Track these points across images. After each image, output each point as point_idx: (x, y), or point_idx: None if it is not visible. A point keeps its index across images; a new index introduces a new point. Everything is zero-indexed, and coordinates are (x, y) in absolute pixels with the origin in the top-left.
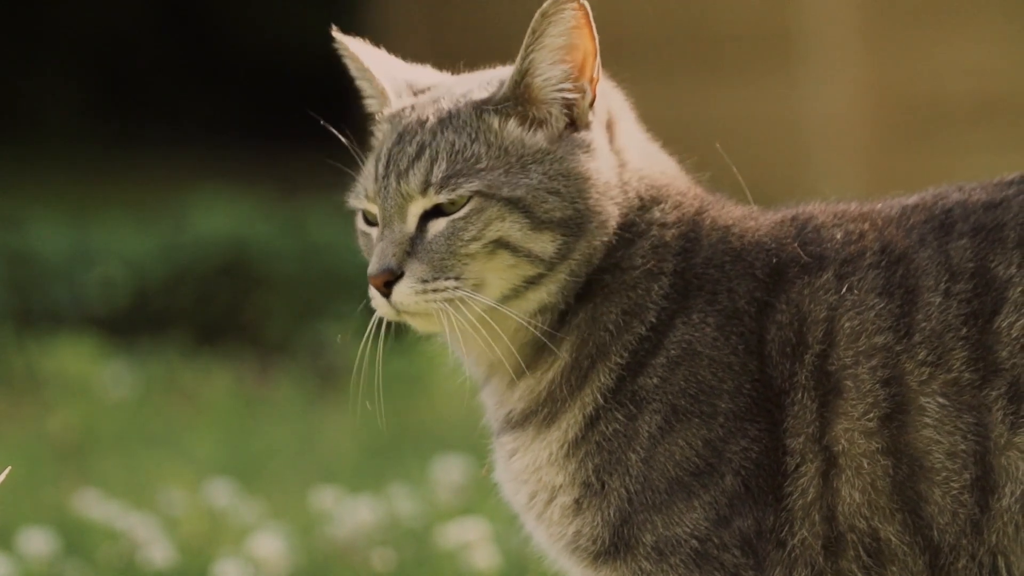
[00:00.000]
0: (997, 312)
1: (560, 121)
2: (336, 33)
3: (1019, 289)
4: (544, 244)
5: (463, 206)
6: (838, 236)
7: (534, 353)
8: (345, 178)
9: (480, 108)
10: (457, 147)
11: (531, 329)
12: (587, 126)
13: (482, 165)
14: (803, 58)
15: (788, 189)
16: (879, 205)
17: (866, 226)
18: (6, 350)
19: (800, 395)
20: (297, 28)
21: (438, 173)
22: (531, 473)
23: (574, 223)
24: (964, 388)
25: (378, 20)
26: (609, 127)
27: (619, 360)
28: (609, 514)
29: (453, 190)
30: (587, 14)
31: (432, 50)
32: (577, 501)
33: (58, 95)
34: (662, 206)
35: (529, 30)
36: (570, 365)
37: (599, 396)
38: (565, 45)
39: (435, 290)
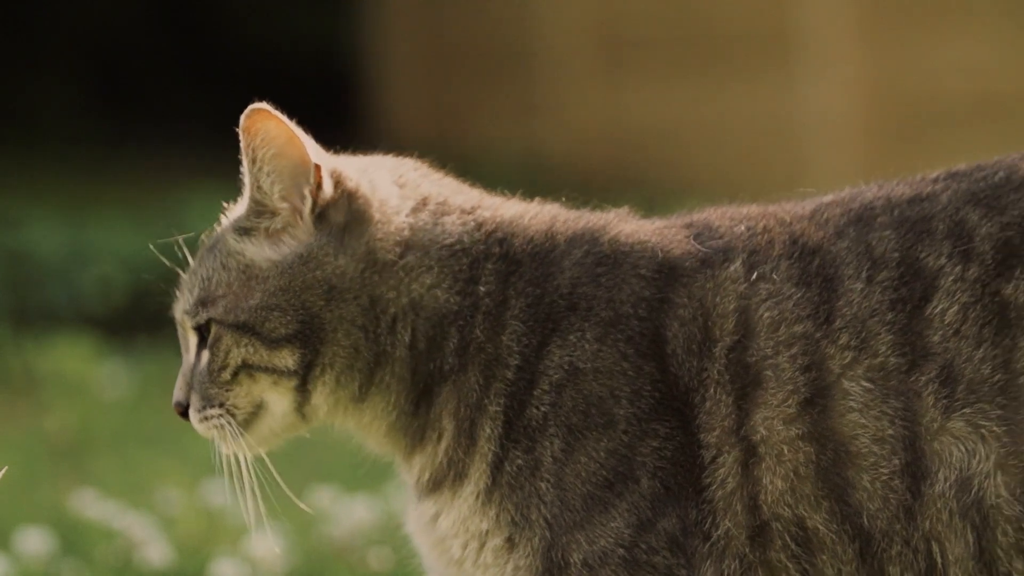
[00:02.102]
0: (928, 299)
1: (292, 232)
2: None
3: (951, 278)
4: (285, 359)
5: (211, 335)
6: (742, 230)
7: (415, 432)
8: None
9: (228, 230)
10: (208, 273)
11: (382, 420)
12: (322, 230)
13: (221, 291)
14: (800, 57)
15: (785, 187)
16: (786, 204)
17: (772, 222)
18: (2, 350)
19: (712, 390)
20: (295, 28)
21: (190, 301)
22: (459, 526)
23: (308, 333)
24: (891, 373)
25: (377, 20)
26: (360, 217)
27: (496, 408)
28: (536, 543)
29: (195, 318)
30: (279, 121)
31: (431, 50)
32: (508, 539)
33: (55, 95)
34: (481, 264)
35: (242, 146)
36: (456, 430)
37: (494, 443)
38: (275, 155)
39: (206, 418)
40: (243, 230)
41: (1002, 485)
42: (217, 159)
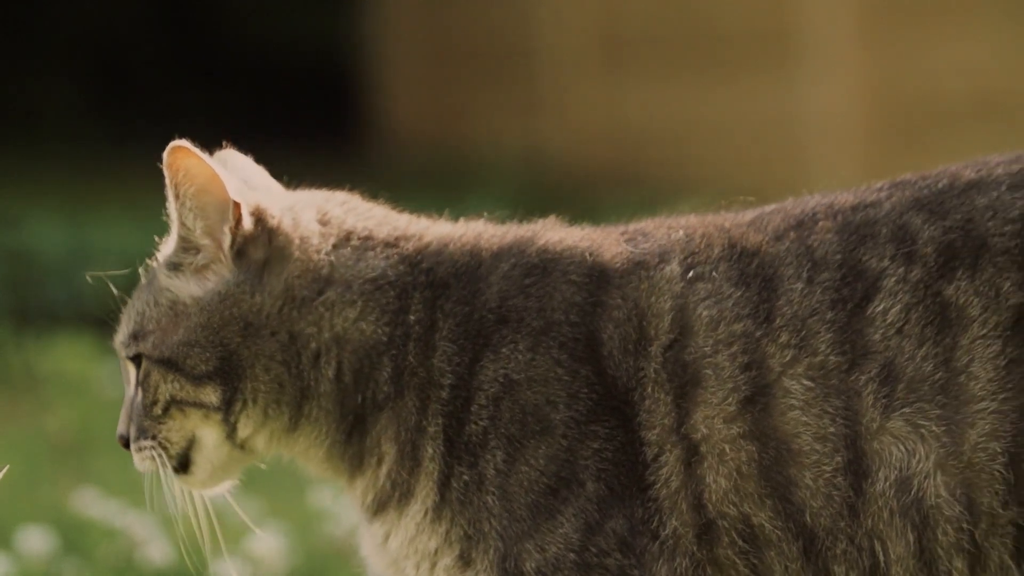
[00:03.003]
0: (870, 299)
1: (215, 269)
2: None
3: (894, 279)
4: (209, 395)
5: (141, 369)
6: (680, 235)
7: (352, 458)
8: (345, 176)
9: (161, 265)
10: (141, 307)
11: (317, 449)
12: (242, 267)
13: (151, 327)
14: (801, 57)
15: (785, 187)
16: (726, 213)
17: (711, 228)
18: (4, 349)
19: (650, 389)
20: (295, 27)
21: (125, 333)
22: (409, 546)
23: (228, 369)
24: (831, 371)
25: (378, 19)
26: (280, 254)
27: (435, 428)
28: (491, 557)
29: (127, 350)
30: (199, 160)
31: (432, 49)
32: (461, 556)
33: (55, 94)
34: (409, 293)
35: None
36: (398, 453)
37: (438, 462)
38: (196, 192)
39: (140, 449)
40: (172, 266)
41: (942, 485)
42: None
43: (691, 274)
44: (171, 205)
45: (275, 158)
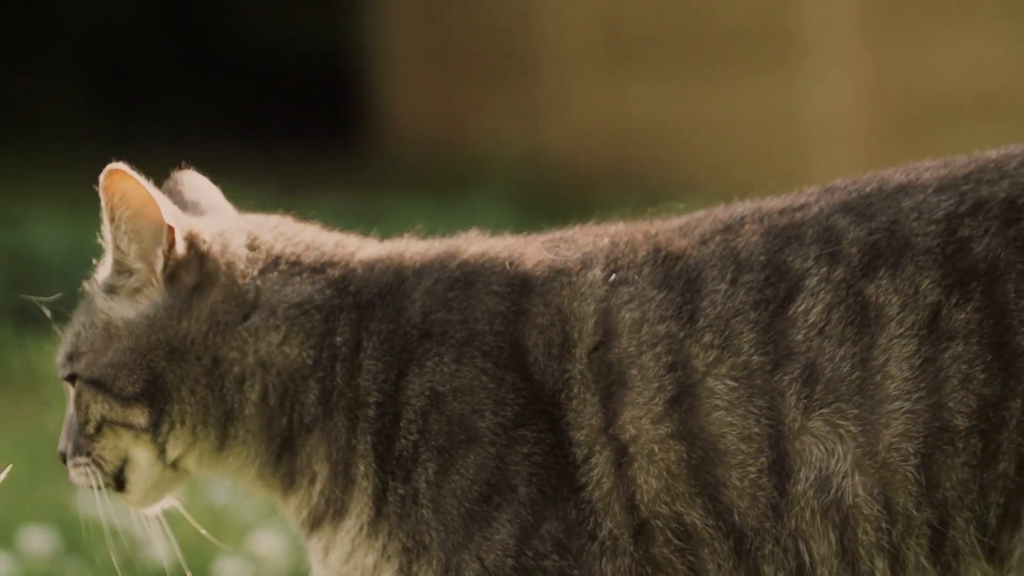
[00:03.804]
0: (792, 299)
1: (147, 292)
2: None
3: (816, 279)
4: (137, 416)
5: (74, 389)
6: (604, 242)
7: (283, 477)
8: (346, 176)
9: (99, 287)
10: (78, 329)
11: (247, 468)
12: (172, 291)
13: (85, 348)
14: (803, 55)
15: (787, 185)
16: (654, 220)
17: (637, 234)
18: (5, 348)
19: (576, 389)
20: (296, 26)
21: (62, 354)
22: (348, 562)
23: (154, 391)
24: (755, 371)
25: (380, 19)
26: (208, 279)
27: (364, 446)
28: (433, 568)
29: (62, 371)
30: (136, 183)
31: (434, 49)
32: (401, 569)
33: (56, 93)
34: (337, 316)
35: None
36: (331, 472)
37: (371, 479)
38: (131, 216)
39: (76, 465)
40: (108, 288)
41: (859, 485)
42: (220, 157)
43: (613, 278)
44: (106, 228)
45: (276, 158)
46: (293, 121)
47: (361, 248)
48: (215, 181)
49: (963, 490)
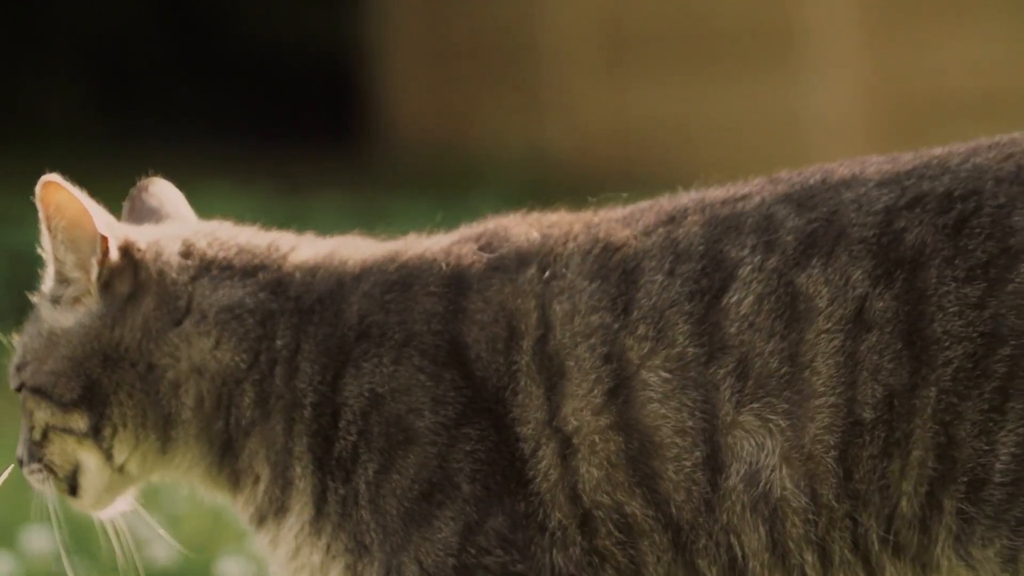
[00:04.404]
0: (725, 289)
1: (85, 301)
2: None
3: (749, 268)
4: (77, 422)
5: (22, 397)
6: (535, 236)
7: (228, 477)
8: (348, 176)
9: (44, 298)
10: (26, 340)
11: (193, 470)
12: (107, 300)
13: (31, 357)
14: (805, 54)
15: None
16: (601, 211)
17: (575, 225)
18: (5, 349)
19: (523, 383)
20: (297, 25)
21: (12, 365)
22: (294, 559)
23: (91, 398)
24: (689, 363)
25: (381, 18)
26: (142, 288)
27: (301, 448)
28: (375, 570)
29: (11, 381)
30: (69, 194)
31: (435, 48)
32: (348, 568)
33: (58, 92)
34: (275, 319)
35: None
36: (271, 474)
37: (309, 480)
38: (67, 226)
39: (31, 472)
40: (52, 298)
41: (787, 478)
42: (221, 157)
43: (547, 274)
44: (45, 239)
45: (278, 158)
46: (294, 121)
47: (295, 250)
48: (217, 181)
49: (870, 482)
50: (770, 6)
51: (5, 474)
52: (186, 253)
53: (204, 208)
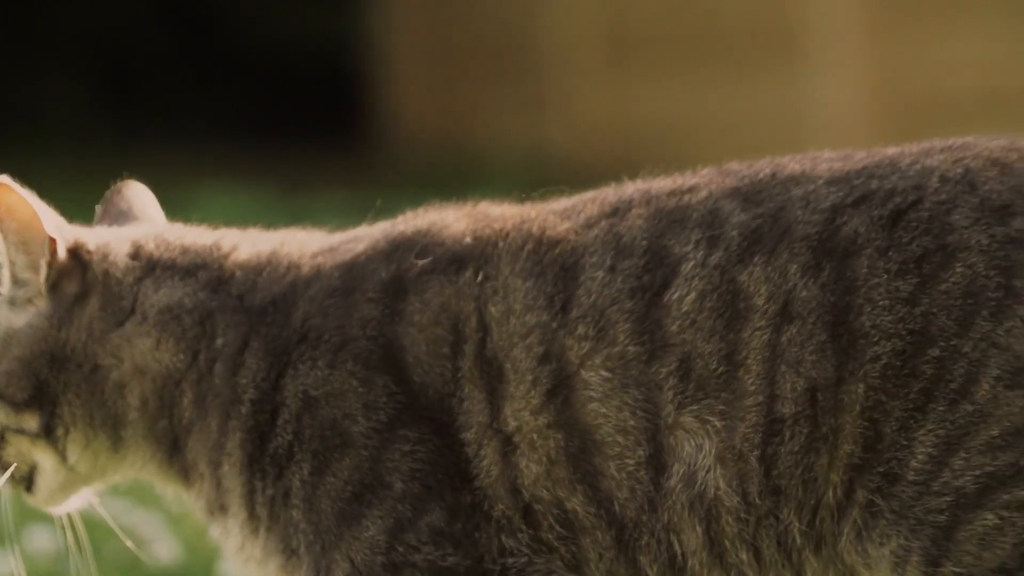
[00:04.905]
0: (667, 286)
1: (36, 303)
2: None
3: (692, 264)
4: (29, 422)
5: None
6: (467, 241)
7: (178, 474)
8: (350, 175)
9: (2, 300)
10: None
11: (147, 469)
12: (56, 301)
13: None
14: (807, 53)
15: None
16: (547, 203)
17: (509, 221)
18: None
19: (468, 389)
20: (299, 25)
21: None
22: (241, 551)
23: (42, 398)
24: (630, 362)
25: (383, 18)
26: (89, 289)
27: (233, 444)
28: (306, 568)
29: None
30: (19, 196)
31: (437, 47)
32: (284, 565)
33: (60, 93)
34: (215, 318)
35: None
36: (210, 473)
37: (239, 478)
38: (18, 228)
39: None
40: (7, 299)
41: (720, 478)
42: (224, 157)
43: (480, 276)
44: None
45: (280, 157)
46: (297, 120)
47: (237, 249)
48: (219, 180)
49: (792, 477)
50: (772, 5)
51: (7, 474)
52: (134, 254)
53: (206, 207)
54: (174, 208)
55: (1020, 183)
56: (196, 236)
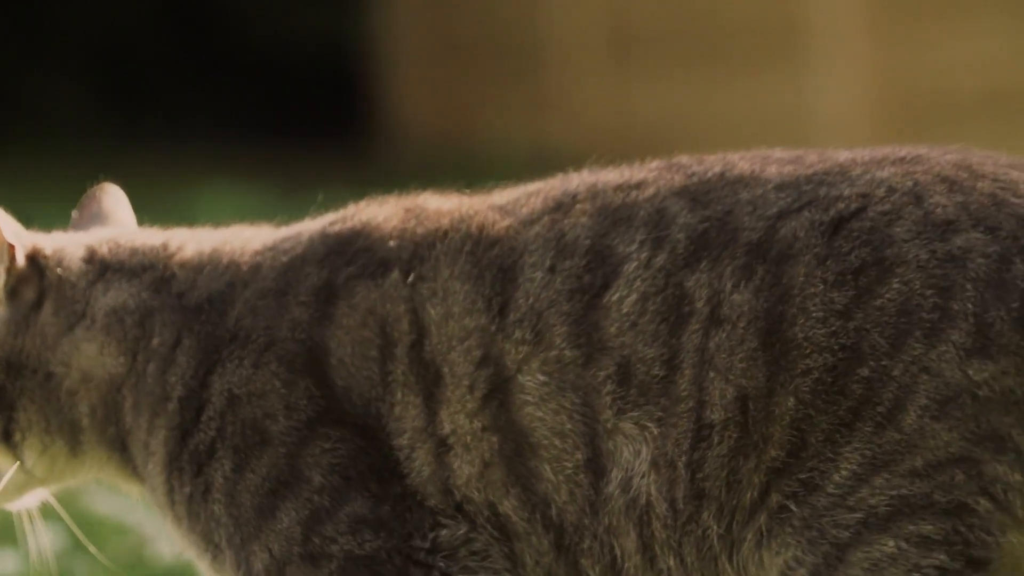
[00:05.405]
0: (608, 287)
1: None
2: None
3: (635, 264)
4: None
5: None
6: (392, 244)
7: (131, 474)
8: (352, 174)
9: None
10: None
11: (104, 471)
12: (14, 307)
13: None
14: (809, 51)
15: None
16: (490, 195)
17: (445, 221)
18: None
19: (400, 394)
20: (302, 24)
21: None
22: (183, 539)
23: (0, 403)
24: (567, 366)
25: (385, 16)
26: (44, 295)
27: (157, 442)
28: (228, 560)
29: None
30: None
31: (440, 46)
32: (210, 563)
33: (63, 91)
34: (154, 317)
35: None
36: (142, 471)
37: (162, 478)
38: None
39: None
40: None
41: (653, 484)
42: (227, 155)
43: (411, 277)
44: None
45: (282, 156)
46: (300, 119)
47: (182, 248)
48: (222, 179)
49: (716, 479)
50: (774, 4)
51: (9, 473)
52: (88, 259)
53: (209, 206)
54: (177, 207)
55: (968, 201)
56: (147, 237)
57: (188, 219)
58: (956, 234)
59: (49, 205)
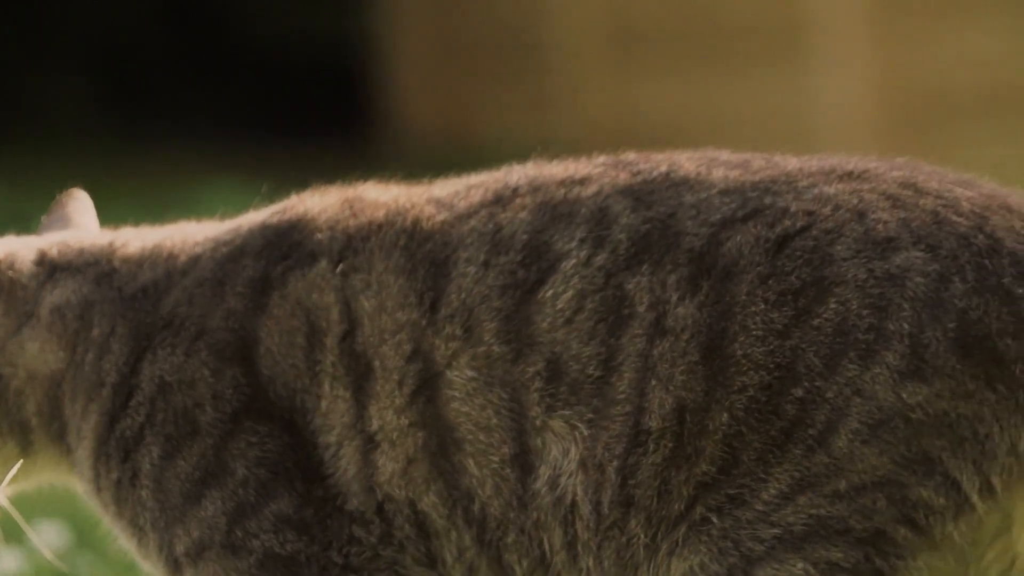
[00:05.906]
0: (543, 282)
1: None
2: None
3: (573, 262)
4: None
5: None
6: (322, 236)
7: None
8: (355, 172)
9: None
10: None
11: (59, 469)
12: None
13: None
14: (811, 49)
15: None
16: (430, 187)
17: (380, 214)
18: None
19: (328, 387)
20: (304, 22)
21: None
22: (118, 530)
23: None
24: (495, 362)
25: (387, 15)
26: None
27: (88, 427)
28: (153, 545)
29: None
30: None
31: (442, 44)
32: (139, 544)
33: (65, 89)
34: (93, 310)
35: None
36: (77, 462)
37: (89, 463)
38: None
39: None
40: None
41: (579, 485)
42: (228, 153)
43: (340, 267)
44: None
45: (285, 154)
46: (302, 117)
47: (127, 244)
48: (224, 177)
49: (647, 488)
50: (777, 2)
51: (12, 471)
52: (39, 260)
53: (211, 204)
54: (179, 206)
55: (911, 217)
56: (96, 237)
57: (191, 217)
58: (896, 252)
59: (49, 205)
